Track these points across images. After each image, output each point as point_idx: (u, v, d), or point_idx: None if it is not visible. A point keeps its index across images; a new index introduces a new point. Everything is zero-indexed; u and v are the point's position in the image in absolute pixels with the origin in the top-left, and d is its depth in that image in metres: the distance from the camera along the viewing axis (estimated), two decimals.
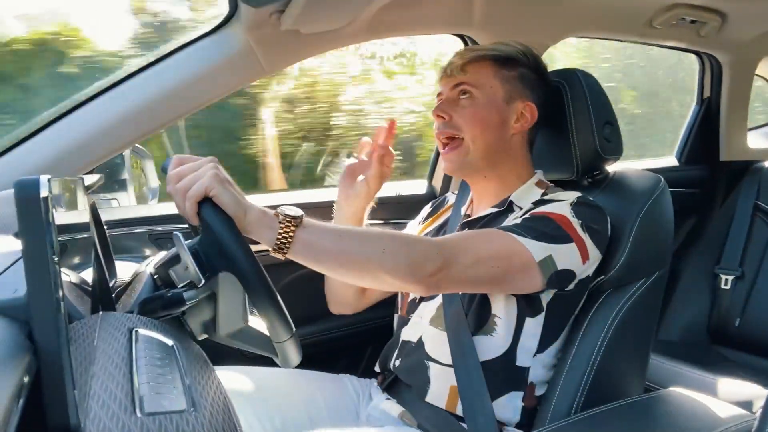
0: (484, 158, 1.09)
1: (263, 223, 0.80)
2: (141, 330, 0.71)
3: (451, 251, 0.90)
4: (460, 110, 1.09)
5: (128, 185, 1.65)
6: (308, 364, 1.02)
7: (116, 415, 0.51)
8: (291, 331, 0.79)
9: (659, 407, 1.02)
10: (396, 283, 0.88)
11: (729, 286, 2.00)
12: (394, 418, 1.09)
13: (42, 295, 0.47)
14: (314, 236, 0.83)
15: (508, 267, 0.94)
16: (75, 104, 1.24)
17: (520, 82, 1.11)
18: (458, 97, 1.10)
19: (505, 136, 1.10)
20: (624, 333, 1.07)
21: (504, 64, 1.10)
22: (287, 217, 0.81)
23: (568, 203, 1.02)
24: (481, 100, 1.09)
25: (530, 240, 0.95)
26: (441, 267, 0.87)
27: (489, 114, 1.08)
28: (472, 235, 0.98)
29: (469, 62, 1.10)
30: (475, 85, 1.09)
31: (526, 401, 1.04)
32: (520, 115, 1.11)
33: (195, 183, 0.76)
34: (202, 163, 0.79)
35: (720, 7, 1.74)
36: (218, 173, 0.78)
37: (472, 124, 1.08)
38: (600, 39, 1.92)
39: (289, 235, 0.80)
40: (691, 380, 1.67)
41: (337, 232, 0.85)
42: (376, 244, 0.86)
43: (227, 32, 1.29)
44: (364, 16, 1.36)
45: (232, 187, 0.79)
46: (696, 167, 2.24)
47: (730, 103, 2.18)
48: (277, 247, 0.80)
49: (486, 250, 0.93)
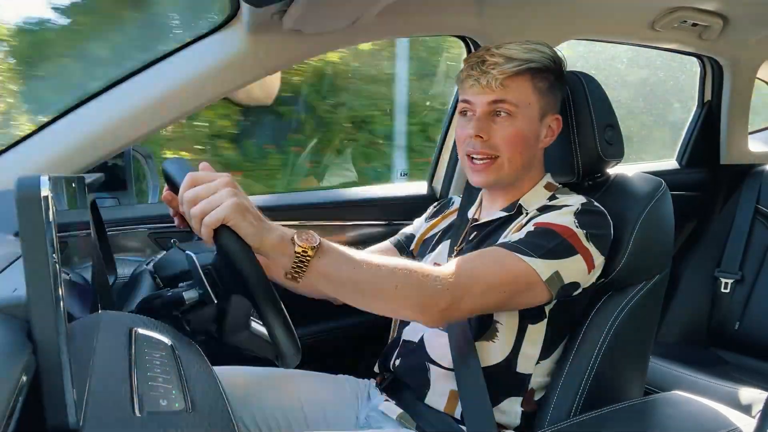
0: (516, 173, 1.09)
1: (279, 250, 0.78)
2: (140, 329, 0.71)
3: (462, 286, 0.89)
4: (499, 130, 1.05)
5: (129, 184, 1.65)
6: (307, 365, 1.02)
7: (115, 414, 0.51)
8: (297, 352, 0.78)
9: (658, 410, 1.02)
10: (408, 316, 0.91)
11: (729, 289, 2.00)
12: (393, 420, 1.09)
13: (42, 294, 0.47)
14: (329, 267, 0.81)
15: (517, 290, 0.94)
16: (76, 103, 1.24)
17: (551, 92, 1.08)
18: (493, 113, 1.05)
19: (536, 151, 1.10)
20: (624, 336, 1.07)
21: (539, 75, 1.06)
22: (303, 246, 0.79)
23: (572, 212, 1.01)
24: (521, 121, 1.05)
25: (536, 259, 0.94)
26: (452, 302, 0.88)
27: (527, 134, 1.06)
28: (480, 261, 0.95)
29: (510, 78, 1.03)
30: (516, 104, 1.04)
31: (525, 406, 1.04)
32: (549, 129, 1.10)
33: (212, 209, 0.73)
34: (218, 186, 0.75)
35: (721, 10, 1.74)
36: (237, 200, 0.74)
37: (511, 144, 1.05)
38: (602, 42, 1.92)
39: (305, 264, 0.79)
40: (690, 383, 1.67)
41: (352, 264, 0.83)
42: (389, 279, 0.85)
43: (229, 32, 1.29)
44: (366, 17, 1.36)
45: (250, 213, 0.76)
46: (697, 170, 2.24)
47: (731, 107, 2.18)
48: (290, 275, 0.80)
49: (494, 277, 0.93)
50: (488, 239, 1.10)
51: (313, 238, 0.80)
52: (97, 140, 1.24)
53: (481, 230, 1.12)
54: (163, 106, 1.28)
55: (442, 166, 1.76)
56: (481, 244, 1.10)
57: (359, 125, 3.17)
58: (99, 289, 0.91)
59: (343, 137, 3.10)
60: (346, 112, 3.14)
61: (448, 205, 1.32)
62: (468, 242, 1.13)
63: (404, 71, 2.99)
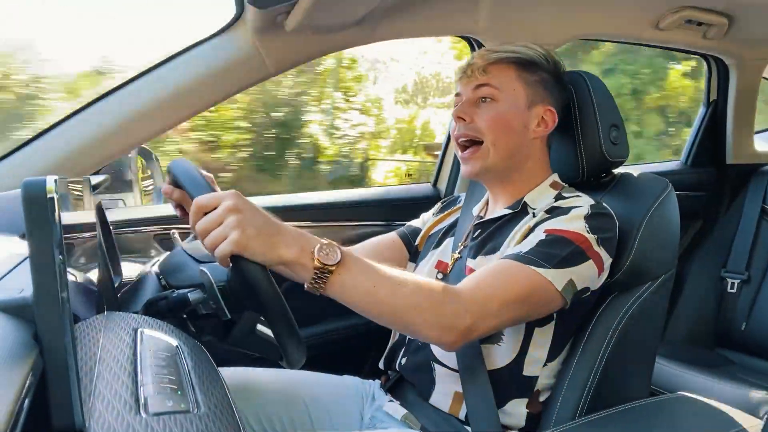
0: (504, 162, 1.08)
1: (299, 264, 0.78)
2: (146, 330, 0.71)
3: (479, 306, 0.89)
4: (482, 113, 1.07)
5: (134, 186, 1.66)
6: (312, 366, 1.02)
7: (121, 415, 0.51)
8: (303, 359, 0.79)
9: (664, 411, 1.01)
10: (428, 338, 0.91)
11: (735, 289, 1.99)
12: (397, 420, 1.09)
13: (48, 295, 0.47)
14: (348, 284, 0.81)
15: (533, 303, 0.94)
16: (82, 105, 1.25)
17: (542, 86, 1.09)
18: (479, 100, 1.08)
19: (525, 140, 1.09)
20: (629, 336, 1.06)
21: (526, 67, 1.09)
22: (323, 263, 0.78)
23: (583, 216, 1.00)
24: (503, 104, 1.07)
25: (550, 270, 0.93)
26: (472, 324, 0.88)
27: (511, 118, 1.07)
28: (496, 278, 0.94)
29: (492, 64, 1.07)
30: (498, 88, 1.07)
31: (530, 407, 1.04)
32: (541, 120, 1.10)
33: (221, 241, 0.74)
34: (223, 215, 0.74)
35: (727, 9, 1.73)
36: (241, 232, 0.73)
37: (493, 127, 1.06)
38: (606, 41, 1.92)
39: (324, 281, 0.79)
40: (696, 384, 1.67)
41: (372, 282, 0.83)
42: (408, 299, 0.85)
43: (233, 34, 1.30)
44: (369, 18, 1.36)
45: (260, 235, 0.75)
46: (703, 170, 2.23)
47: (736, 106, 2.17)
48: (310, 288, 0.80)
49: (510, 293, 0.92)
50: (493, 237, 1.09)
51: (335, 254, 0.79)
52: (102, 142, 1.24)
53: (486, 228, 1.12)
54: (169, 108, 1.29)
55: (447, 166, 1.76)
56: (486, 241, 1.09)
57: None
58: (104, 291, 0.91)
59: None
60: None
61: (455, 202, 1.31)
62: (472, 239, 1.13)
63: None
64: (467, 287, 0.90)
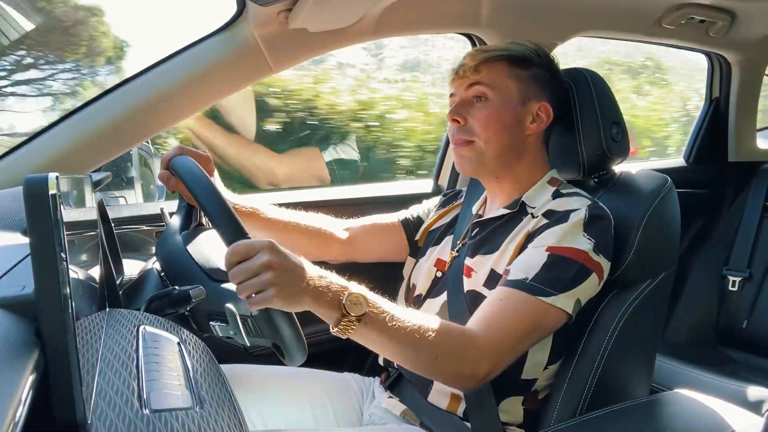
0: (498, 159, 1.08)
1: (326, 314, 0.83)
2: (148, 327, 0.71)
3: (495, 350, 0.92)
4: (475, 113, 1.07)
5: (136, 183, 1.66)
6: (313, 363, 1.02)
7: (123, 411, 0.51)
8: (304, 356, 0.85)
9: (665, 409, 1.01)
10: (450, 385, 1.00)
11: (737, 287, 1.99)
12: (397, 417, 1.09)
13: (50, 292, 0.47)
14: (371, 335, 0.85)
15: (543, 330, 0.98)
16: (84, 102, 1.25)
17: (535, 81, 1.09)
18: (472, 99, 1.08)
19: (520, 136, 1.09)
20: (630, 334, 1.06)
21: (517, 63, 1.08)
22: (349, 315, 0.82)
23: (582, 223, 1.00)
24: (496, 101, 1.07)
25: (559, 296, 0.95)
26: (489, 370, 0.92)
27: (504, 115, 1.07)
28: (505, 316, 0.95)
29: (483, 63, 1.07)
30: (490, 85, 1.07)
31: (527, 404, 1.04)
32: (536, 116, 1.09)
33: (255, 292, 0.77)
34: (258, 268, 0.77)
35: (729, 6, 1.73)
36: (278, 287, 0.77)
37: (486, 126, 1.06)
38: (608, 38, 1.91)
39: (348, 329, 0.83)
40: (697, 382, 1.66)
41: (393, 335, 0.86)
42: (428, 353, 0.89)
43: (235, 31, 1.30)
44: (371, 14, 1.36)
45: (295, 290, 0.79)
46: (704, 168, 2.22)
47: (739, 104, 2.16)
48: (335, 333, 0.84)
49: (523, 328, 0.95)
50: (491, 237, 1.09)
51: (361, 306, 0.82)
52: (104, 139, 1.25)
53: (484, 227, 1.12)
54: (171, 105, 1.29)
55: (448, 163, 1.76)
56: (484, 241, 1.09)
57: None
58: (106, 288, 0.91)
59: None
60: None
61: (456, 197, 1.31)
62: (471, 239, 1.13)
63: None
64: (482, 330, 0.93)
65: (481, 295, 1.03)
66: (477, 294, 1.04)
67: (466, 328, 0.93)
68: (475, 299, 1.04)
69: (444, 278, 1.13)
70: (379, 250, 1.28)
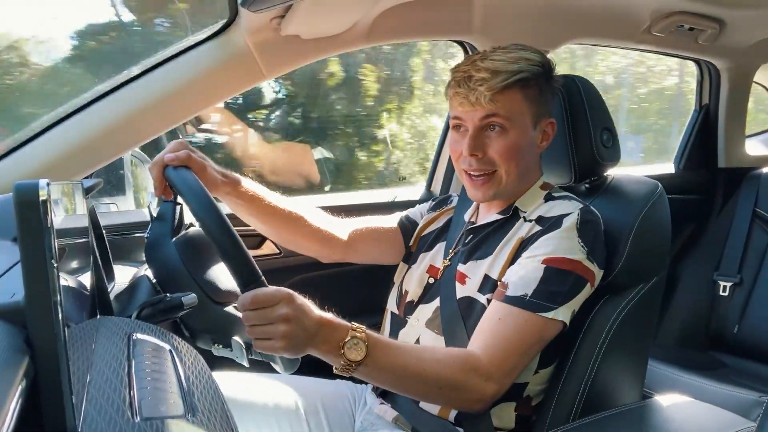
0: (516, 185, 1.09)
1: (329, 358, 0.86)
2: (139, 334, 0.71)
3: (500, 370, 0.94)
4: (493, 144, 1.04)
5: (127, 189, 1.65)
6: (306, 370, 1.02)
7: (114, 419, 0.51)
8: (297, 364, 0.91)
9: (657, 414, 1.02)
10: (455, 408, 1.02)
11: (727, 292, 2.00)
12: (388, 423, 1.09)
13: (40, 300, 0.47)
14: (373, 375, 0.89)
15: (543, 342, 0.99)
16: (75, 108, 1.24)
17: (542, 98, 1.07)
18: (487, 129, 1.04)
19: (534, 157, 1.10)
20: (621, 339, 1.07)
21: (528, 84, 1.03)
22: (350, 358, 0.85)
23: (575, 229, 1.00)
24: (514, 132, 1.03)
25: (558, 310, 0.97)
26: (496, 390, 0.94)
27: (522, 143, 1.05)
28: (506, 335, 0.96)
29: (499, 93, 1.00)
30: (507, 117, 1.02)
31: (519, 410, 1.04)
32: (544, 134, 1.10)
33: (267, 338, 0.81)
34: (275, 319, 0.80)
35: (718, 14, 1.75)
36: (291, 340, 0.81)
37: (508, 158, 1.04)
38: (599, 46, 1.93)
39: (350, 370, 0.87)
40: (689, 387, 1.67)
41: (396, 373, 0.90)
42: (434, 383, 0.91)
43: (227, 37, 1.30)
44: (364, 21, 1.37)
45: (305, 341, 0.82)
46: (694, 174, 2.24)
47: (728, 110, 2.19)
48: (339, 372, 0.88)
49: (524, 344, 0.96)
50: (484, 242, 1.10)
51: (360, 350, 0.85)
52: (95, 145, 1.24)
53: (477, 233, 1.12)
54: (163, 111, 1.28)
55: (441, 169, 1.76)
56: (477, 247, 1.10)
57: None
58: (97, 295, 0.91)
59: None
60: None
61: (446, 202, 1.30)
62: (464, 245, 1.13)
63: None
64: (485, 353, 0.94)
65: (475, 300, 1.04)
66: (471, 300, 1.04)
67: (469, 353, 0.94)
68: (469, 305, 1.04)
69: (437, 285, 1.13)
70: (376, 254, 1.28)
